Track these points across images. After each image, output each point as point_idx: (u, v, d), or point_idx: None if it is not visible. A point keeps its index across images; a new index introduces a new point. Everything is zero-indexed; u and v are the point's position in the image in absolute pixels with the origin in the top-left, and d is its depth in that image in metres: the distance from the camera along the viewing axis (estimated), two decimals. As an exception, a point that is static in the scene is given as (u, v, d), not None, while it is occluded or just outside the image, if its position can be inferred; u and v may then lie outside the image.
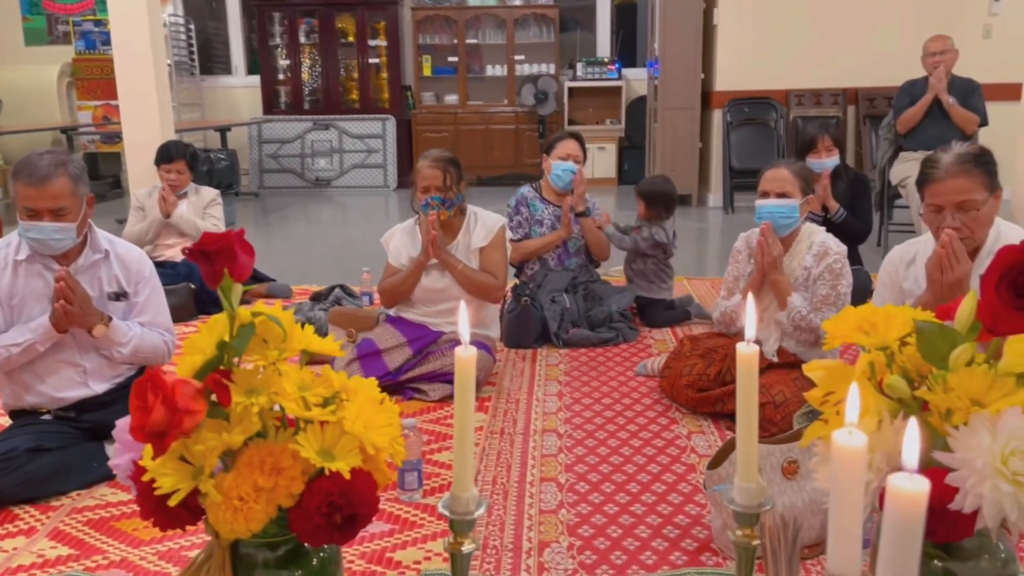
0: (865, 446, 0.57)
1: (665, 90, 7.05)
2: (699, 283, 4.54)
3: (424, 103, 8.72)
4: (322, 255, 5.63)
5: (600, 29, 8.89)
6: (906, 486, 0.53)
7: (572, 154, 3.72)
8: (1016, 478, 0.77)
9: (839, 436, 0.58)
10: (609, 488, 2.27)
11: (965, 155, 2.20)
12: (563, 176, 3.68)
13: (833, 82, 6.88)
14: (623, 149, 8.52)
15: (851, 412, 0.61)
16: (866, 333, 0.92)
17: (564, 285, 3.66)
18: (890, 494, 0.53)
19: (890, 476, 0.54)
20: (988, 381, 0.84)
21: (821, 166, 3.89)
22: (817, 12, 6.77)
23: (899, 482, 0.53)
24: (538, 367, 3.27)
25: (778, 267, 2.74)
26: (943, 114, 4.77)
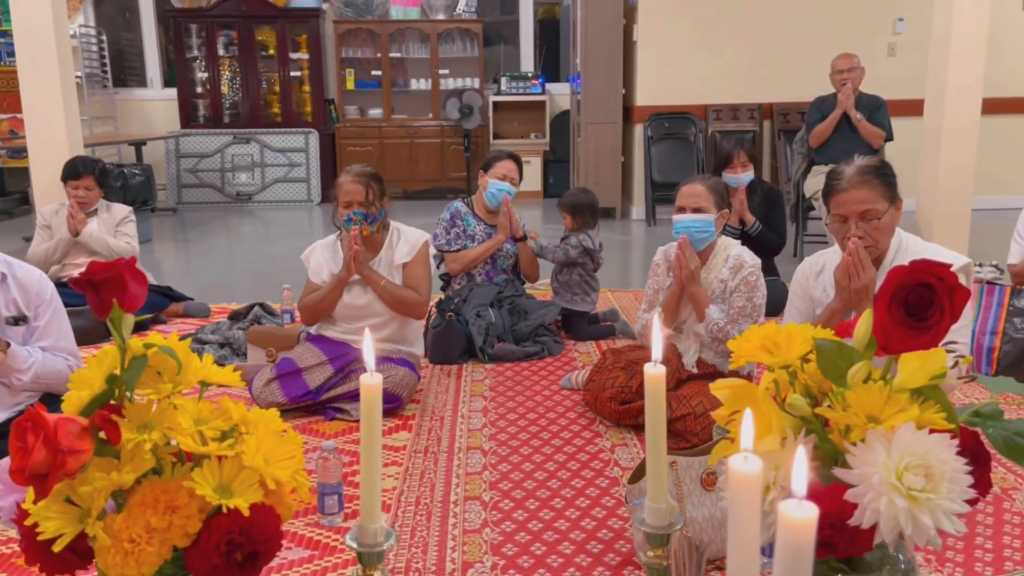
0: (760, 472, 0.58)
1: (587, 104, 7.15)
2: (623, 295, 4.59)
3: (348, 117, 8.62)
4: (243, 272, 5.50)
5: (524, 44, 8.96)
6: (795, 513, 0.54)
7: (510, 175, 3.75)
8: (911, 493, 0.79)
9: (735, 462, 0.59)
10: (533, 505, 2.27)
11: (866, 167, 2.29)
12: (498, 195, 3.71)
13: (749, 97, 7.08)
14: (548, 163, 8.59)
15: (746, 437, 0.62)
16: (769, 352, 0.93)
17: (490, 299, 3.66)
18: (781, 521, 0.54)
19: (780, 503, 0.54)
20: (884, 397, 0.86)
21: (737, 181, 4.00)
22: (733, 30, 6.97)
23: (788, 509, 0.54)
24: (463, 383, 3.25)
25: (695, 280, 2.79)
26: (852, 129, 4.96)
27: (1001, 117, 6.79)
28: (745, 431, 0.62)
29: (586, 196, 3.93)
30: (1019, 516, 2.12)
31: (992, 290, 3.19)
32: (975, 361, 3.15)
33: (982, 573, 1.87)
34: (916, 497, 0.78)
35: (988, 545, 1.99)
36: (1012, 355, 3.07)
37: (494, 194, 3.71)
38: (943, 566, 1.90)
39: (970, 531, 2.05)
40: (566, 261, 3.79)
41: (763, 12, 6.94)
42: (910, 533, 0.78)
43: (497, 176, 3.73)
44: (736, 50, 7.00)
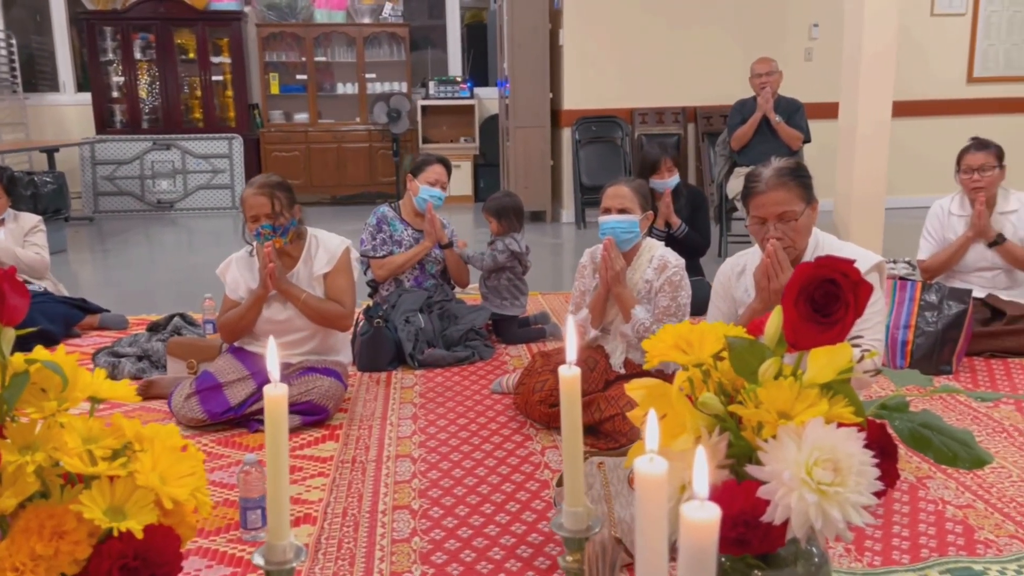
0: (665, 473, 0.57)
1: (515, 109, 7.16)
2: (554, 298, 4.61)
3: (273, 121, 8.45)
4: (165, 282, 5.33)
5: (451, 48, 8.93)
6: (697, 515, 0.53)
7: (440, 179, 3.72)
8: (820, 487, 0.80)
9: (640, 464, 0.58)
10: (463, 511, 2.24)
11: (783, 169, 2.34)
12: (431, 201, 3.67)
13: (674, 101, 7.21)
14: (478, 167, 8.58)
15: (651, 439, 0.61)
16: (683, 351, 0.93)
17: (419, 305, 3.62)
18: (683, 523, 0.53)
19: (682, 505, 0.54)
20: (794, 393, 0.87)
21: (663, 186, 4.06)
22: (656, 34, 7.08)
23: (690, 511, 0.53)
24: (392, 390, 3.20)
25: (621, 281, 2.81)
26: (771, 131, 5.08)
27: (912, 119, 7.06)
28: (650, 432, 0.61)
29: (511, 200, 3.93)
30: (933, 504, 2.19)
31: (904, 286, 3.30)
32: (891, 354, 3.25)
33: (899, 561, 1.93)
34: (825, 491, 0.79)
35: (905, 533, 2.05)
36: (924, 348, 3.18)
37: (425, 200, 3.67)
38: (862, 555, 1.95)
39: (887, 520, 2.10)
40: (494, 267, 3.77)
41: (685, 17, 7.07)
42: (820, 527, 0.79)
43: (428, 181, 3.69)
44: (660, 54, 7.11)
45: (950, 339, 3.17)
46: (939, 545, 1.99)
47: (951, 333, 3.17)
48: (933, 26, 7.26)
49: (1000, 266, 3.46)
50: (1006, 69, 7.39)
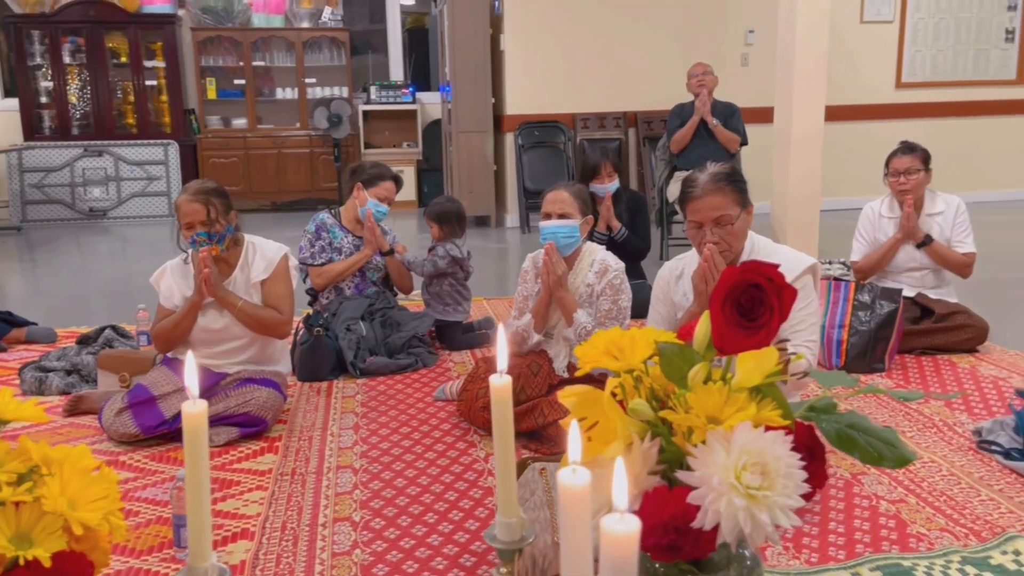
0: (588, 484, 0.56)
1: (458, 113, 7.15)
2: (498, 303, 4.60)
3: (210, 127, 8.28)
4: (98, 293, 5.17)
5: (393, 53, 8.88)
6: (617, 528, 0.52)
7: (390, 196, 3.69)
8: (749, 492, 0.80)
9: (564, 475, 0.57)
10: (405, 522, 2.21)
11: (718, 174, 2.37)
12: (376, 216, 3.63)
13: (615, 106, 7.28)
14: (421, 172, 8.54)
15: (573, 450, 0.60)
16: (615, 357, 0.93)
17: (360, 313, 3.58)
18: (603, 536, 0.52)
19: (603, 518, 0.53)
20: (723, 398, 0.87)
21: (604, 190, 4.09)
22: (598, 40, 7.14)
23: (610, 524, 0.52)
24: (334, 400, 3.15)
25: (563, 285, 2.82)
26: (709, 134, 5.17)
27: (845, 123, 7.26)
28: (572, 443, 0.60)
29: (452, 205, 3.91)
30: (868, 500, 2.24)
31: (839, 286, 3.38)
32: (826, 353, 3.33)
33: (836, 557, 1.96)
34: (754, 495, 0.79)
35: (840, 530, 2.09)
36: (858, 347, 3.26)
37: (372, 214, 3.63)
38: (800, 553, 1.98)
39: (824, 517, 2.14)
40: (435, 272, 3.75)
41: (625, 23, 7.15)
42: (749, 531, 0.79)
43: (379, 195, 3.65)
44: (601, 60, 7.18)
45: (883, 337, 3.25)
46: (873, 541, 2.03)
47: (883, 332, 3.25)
48: (863, 33, 7.47)
49: (928, 266, 3.56)
50: (932, 75, 7.65)
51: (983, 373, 3.20)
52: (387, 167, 3.79)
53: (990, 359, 3.37)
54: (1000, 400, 2.92)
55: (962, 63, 7.68)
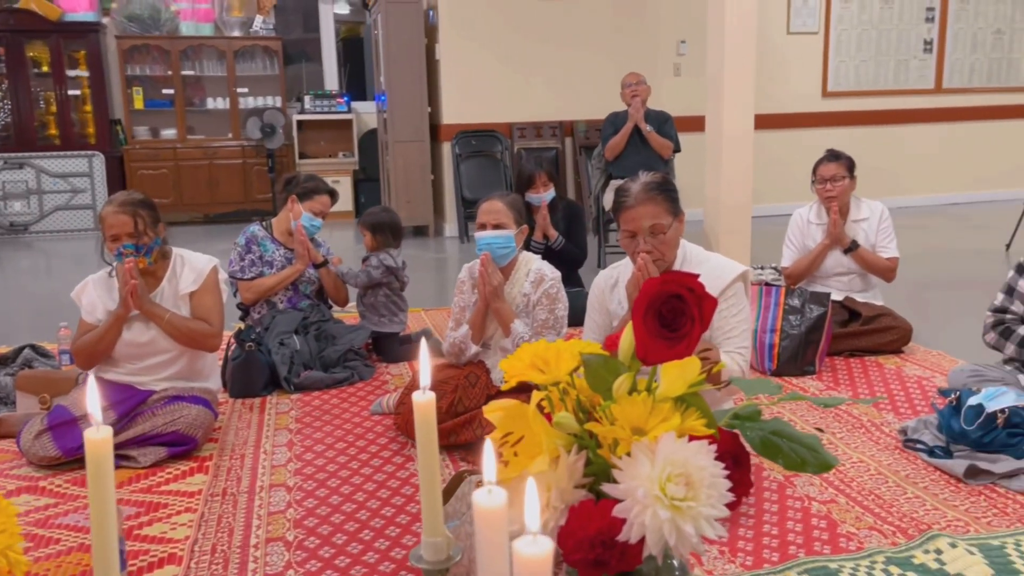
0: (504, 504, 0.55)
1: (394, 123, 7.10)
2: (437, 313, 4.56)
3: (138, 138, 8.06)
4: (16, 311, 4.96)
5: (327, 62, 8.78)
6: (528, 551, 0.51)
7: (325, 211, 3.64)
8: (674, 503, 0.80)
9: (479, 496, 0.56)
10: (341, 540, 2.17)
11: (650, 183, 2.39)
12: (311, 230, 3.57)
13: (551, 115, 7.32)
14: (358, 182, 8.45)
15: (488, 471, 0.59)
16: (540, 370, 0.92)
17: (294, 326, 3.51)
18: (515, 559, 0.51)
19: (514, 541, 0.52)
20: (648, 408, 0.87)
21: (539, 199, 4.10)
22: (533, 50, 7.18)
23: (522, 547, 0.51)
24: (267, 416, 3.08)
25: (499, 295, 2.81)
26: (643, 142, 5.23)
27: (774, 131, 7.44)
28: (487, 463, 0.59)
29: (387, 215, 3.88)
30: (800, 501, 2.28)
31: (770, 291, 3.45)
32: (759, 358, 3.39)
33: (770, 559, 1.99)
34: (678, 507, 0.79)
35: (774, 532, 2.12)
36: (790, 350, 3.33)
37: (307, 228, 3.57)
38: (735, 557, 2.00)
39: (758, 520, 2.17)
40: (369, 283, 3.71)
41: (559, 33, 7.20)
42: (674, 543, 0.79)
43: (314, 209, 3.59)
44: (536, 70, 7.22)
45: (813, 341, 3.33)
46: (806, 542, 2.06)
47: (813, 335, 3.32)
48: (790, 44, 7.68)
49: (855, 270, 3.66)
50: (856, 84, 7.90)
51: (908, 373, 3.30)
52: (323, 181, 3.73)
53: (914, 359, 3.48)
54: (924, 399, 3.01)
55: (884, 73, 7.95)
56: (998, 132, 8.25)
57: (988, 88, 8.20)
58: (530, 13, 7.14)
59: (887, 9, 7.83)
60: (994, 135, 8.24)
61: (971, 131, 8.17)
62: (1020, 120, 8.31)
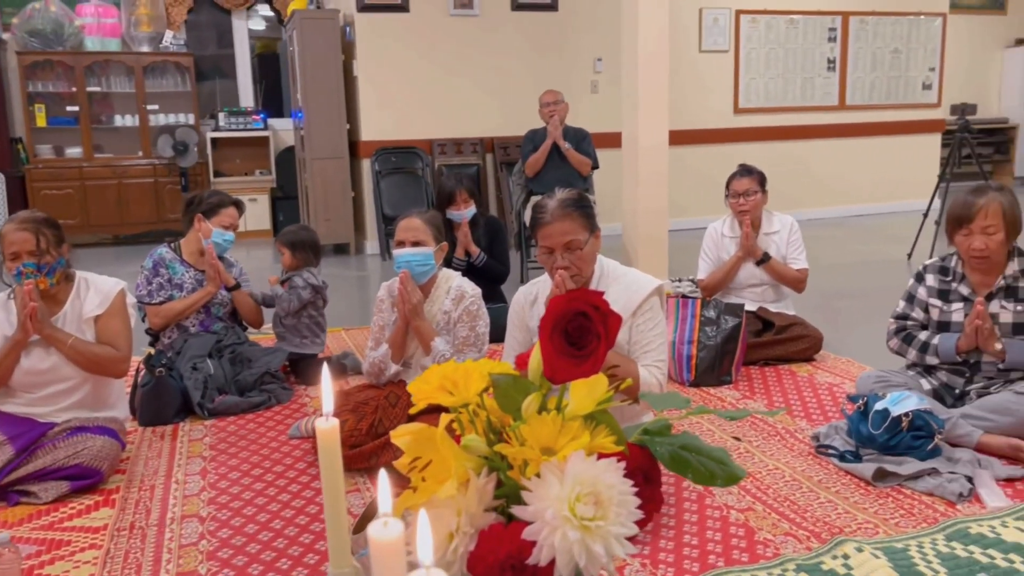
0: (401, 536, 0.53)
1: (312, 140, 7.00)
2: (358, 333, 4.49)
3: (40, 157, 7.72)
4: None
5: (242, 78, 8.60)
6: (422, 585, 0.50)
7: (235, 223, 3.54)
8: (583, 523, 0.79)
9: (374, 529, 0.54)
10: (257, 570, 2.10)
11: (566, 200, 2.41)
12: (224, 245, 3.47)
13: (472, 132, 7.34)
14: (276, 200, 8.29)
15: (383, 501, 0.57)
16: (449, 392, 0.90)
17: (207, 350, 3.39)
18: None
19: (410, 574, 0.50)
20: (557, 427, 0.86)
21: (460, 216, 4.09)
22: (452, 67, 7.19)
23: (416, 581, 0.50)
24: (179, 444, 2.96)
25: (419, 313, 2.78)
26: (562, 159, 5.29)
27: (690, 147, 7.63)
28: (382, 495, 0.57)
29: (307, 233, 3.81)
30: (719, 511, 2.32)
31: (686, 303, 3.51)
32: (678, 369, 3.44)
33: (690, 570, 2.01)
34: (588, 527, 0.78)
35: (694, 542, 2.14)
36: (707, 361, 3.39)
37: (219, 243, 3.47)
38: (657, 568, 2.02)
39: (679, 531, 2.20)
40: (300, 305, 3.63)
41: (478, 50, 7.24)
42: (584, 564, 0.78)
43: (223, 224, 3.49)
44: (456, 86, 7.23)
45: (728, 351, 3.40)
46: (725, 551, 2.09)
47: (729, 345, 3.40)
48: (702, 61, 7.90)
49: (767, 282, 3.77)
50: (766, 101, 8.17)
51: (819, 380, 3.41)
52: (226, 193, 3.64)
53: (825, 367, 3.59)
54: (835, 406, 3.11)
55: (791, 90, 8.25)
56: (898, 146, 8.66)
57: (887, 105, 8.60)
58: (448, 30, 7.15)
59: (792, 29, 8.14)
60: (894, 149, 8.64)
61: (873, 146, 8.55)
62: (917, 135, 8.74)
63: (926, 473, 2.40)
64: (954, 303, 2.77)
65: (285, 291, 3.64)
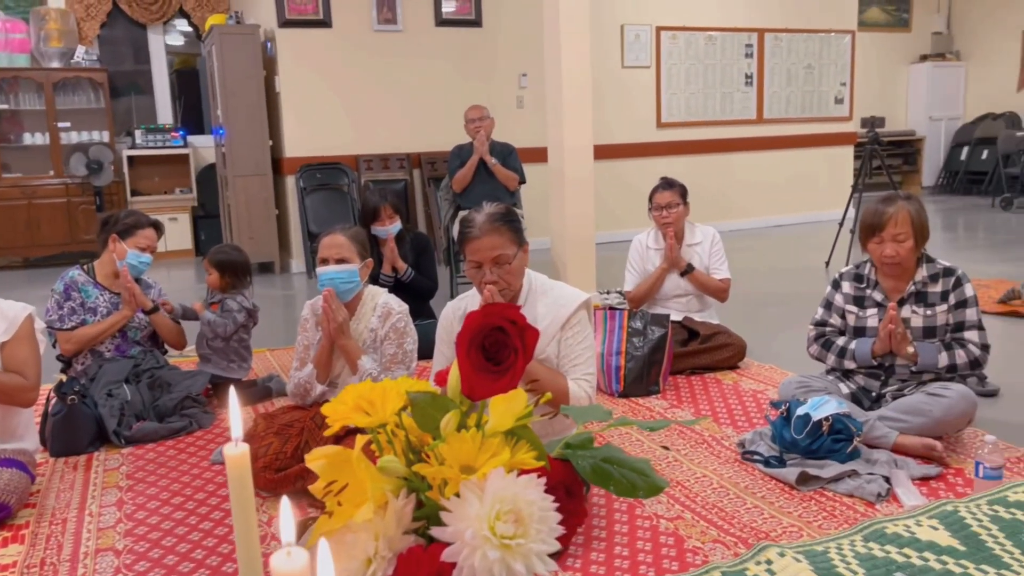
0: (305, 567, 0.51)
1: (233, 157, 6.85)
2: (284, 353, 4.39)
3: (-57, 177, 7.35)
4: None
5: (159, 94, 8.37)
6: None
7: (152, 245, 3.42)
8: (504, 542, 0.78)
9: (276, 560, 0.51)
10: (176, 604, 2.01)
11: (494, 214, 2.41)
12: (140, 267, 3.35)
13: (398, 147, 7.29)
14: (197, 219, 8.08)
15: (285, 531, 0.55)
16: (365, 413, 0.88)
17: (124, 375, 3.27)
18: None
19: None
20: (477, 445, 0.85)
21: (386, 232, 4.06)
22: (377, 82, 7.14)
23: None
24: (93, 475, 2.84)
25: (345, 332, 2.73)
26: (489, 174, 5.30)
27: (615, 161, 7.74)
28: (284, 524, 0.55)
29: (237, 254, 3.70)
30: (649, 520, 2.33)
31: (613, 315, 3.55)
32: (607, 380, 3.47)
33: (621, 580, 2.01)
34: (508, 545, 0.77)
35: (625, 553, 2.14)
36: (635, 371, 3.43)
37: (135, 265, 3.35)
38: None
39: (609, 542, 2.20)
40: (236, 328, 3.53)
41: (403, 65, 7.21)
42: (505, 583, 0.76)
43: (139, 245, 3.37)
44: (382, 102, 7.18)
45: (656, 361, 3.44)
46: (655, 560, 2.10)
47: (656, 355, 3.44)
48: (625, 77, 8.04)
49: (692, 292, 3.84)
50: (687, 115, 8.36)
51: (744, 388, 3.48)
52: (143, 214, 3.52)
53: (749, 374, 3.67)
54: (759, 412, 3.17)
55: (711, 105, 8.46)
56: (813, 158, 8.97)
57: (803, 118, 8.91)
58: (372, 45, 7.11)
59: (711, 45, 8.36)
60: (810, 161, 8.94)
61: (790, 158, 8.83)
62: (831, 147, 9.07)
63: (846, 475, 2.47)
64: (869, 309, 2.87)
65: (217, 314, 3.54)
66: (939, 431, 2.65)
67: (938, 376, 2.78)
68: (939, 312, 2.78)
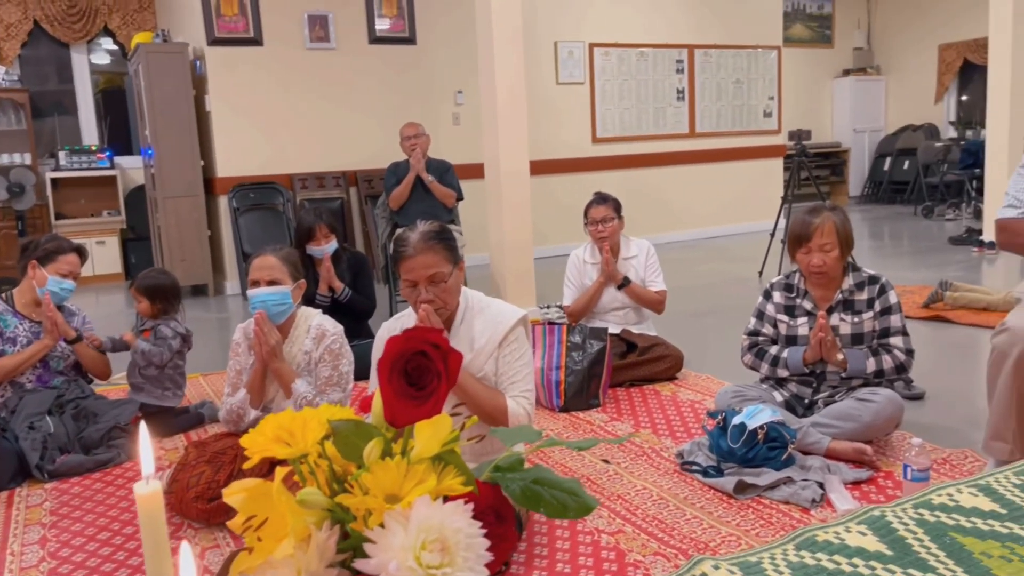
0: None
1: (163, 178, 6.69)
2: (218, 378, 4.28)
3: None
4: None
5: (84, 115, 8.13)
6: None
7: (75, 271, 3.30)
8: (430, 572, 0.76)
9: None
10: (103, 645, 1.93)
11: (428, 232, 2.38)
12: (61, 294, 3.23)
13: (334, 166, 7.22)
14: (127, 242, 7.85)
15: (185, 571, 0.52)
16: (286, 443, 0.85)
17: (46, 406, 3.14)
18: None
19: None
20: (402, 473, 0.83)
21: (321, 252, 4.00)
22: (310, 100, 7.06)
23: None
24: (14, 512, 2.71)
25: (278, 355, 2.68)
26: (427, 191, 5.27)
27: (551, 176, 7.80)
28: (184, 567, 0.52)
29: (166, 278, 3.59)
30: (590, 535, 2.33)
31: (552, 330, 3.56)
32: (547, 395, 3.47)
33: (563, 598, 2.00)
34: (434, 575, 0.75)
35: (567, 570, 2.14)
36: (575, 385, 3.44)
37: (56, 292, 3.22)
38: (530, 601, 1.99)
39: (551, 559, 2.19)
40: (172, 356, 3.43)
41: (336, 83, 7.15)
42: (432, 615, 0.75)
43: (60, 272, 3.25)
44: (315, 120, 7.10)
45: (595, 374, 3.46)
46: (596, 575, 2.10)
47: (595, 369, 3.46)
48: (560, 93, 8.11)
49: (629, 305, 3.87)
50: (621, 130, 8.48)
51: (682, 398, 3.51)
52: (66, 239, 3.40)
53: (687, 384, 3.71)
54: (697, 422, 3.21)
55: (645, 120, 8.60)
56: (744, 171, 9.18)
57: (733, 132, 9.12)
58: (305, 63, 7.04)
59: (642, 61, 8.51)
60: (741, 174, 9.15)
61: (722, 171, 9.02)
62: (761, 160, 9.30)
63: (782, 482, 2.50)
64: (799, 318, 2.93)
65: (151, 342, 3.42)
66: (869, 435, 2.72)
67: (867, 382, 2.85)
68: (866, 319, 2.85)
